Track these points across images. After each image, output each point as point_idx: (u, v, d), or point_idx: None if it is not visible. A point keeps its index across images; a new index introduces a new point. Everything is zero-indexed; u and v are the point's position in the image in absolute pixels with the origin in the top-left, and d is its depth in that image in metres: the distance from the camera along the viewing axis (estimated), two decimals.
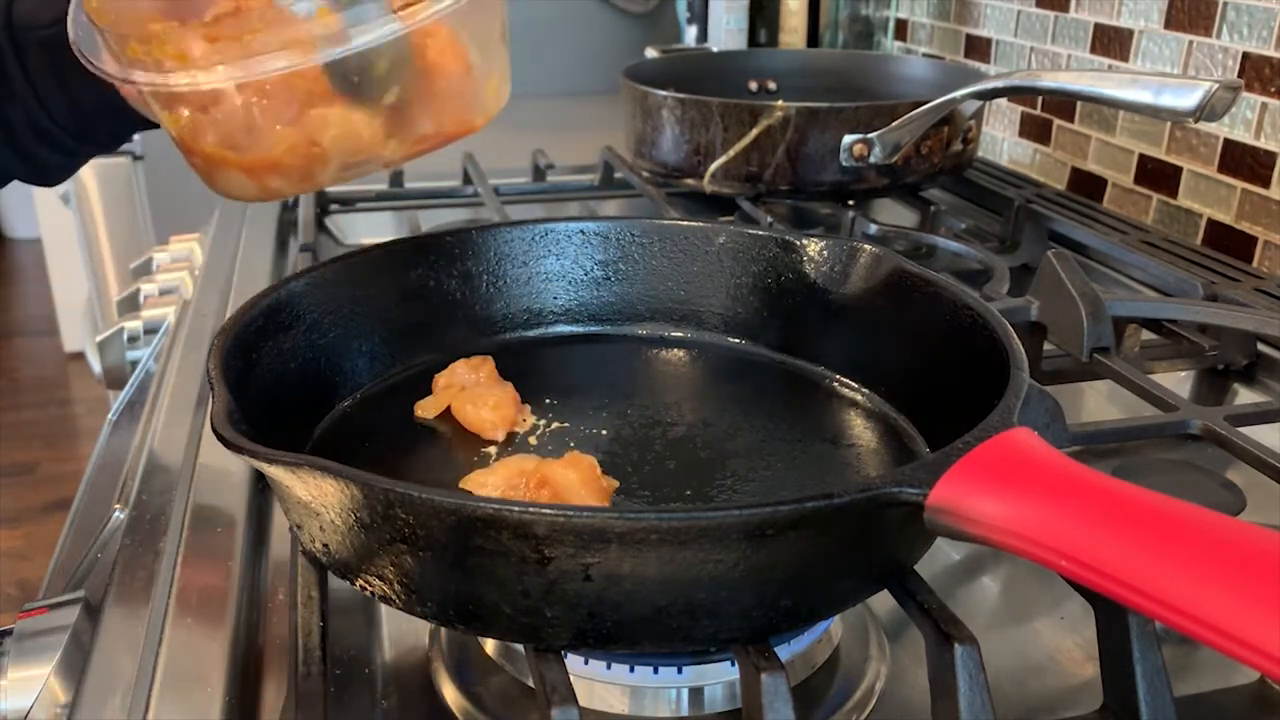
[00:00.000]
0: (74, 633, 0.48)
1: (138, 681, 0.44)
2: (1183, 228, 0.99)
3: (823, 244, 0.60)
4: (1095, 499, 0.32)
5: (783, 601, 0.38)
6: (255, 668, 0.47)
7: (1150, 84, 0.76)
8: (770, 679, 0.37)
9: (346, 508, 0.37)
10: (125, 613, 0.48)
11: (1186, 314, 0.77)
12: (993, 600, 0.53)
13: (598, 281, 0.64)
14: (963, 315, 0.51)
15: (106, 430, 0.83)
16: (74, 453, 2.47)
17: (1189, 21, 0.97)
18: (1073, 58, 1.12)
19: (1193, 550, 0.29)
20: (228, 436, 0.39)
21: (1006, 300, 0.74)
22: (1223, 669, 0.47)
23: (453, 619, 0.39)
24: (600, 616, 0.37)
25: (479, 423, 0.53)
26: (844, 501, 0.35)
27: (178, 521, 0.55)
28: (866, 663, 0.47)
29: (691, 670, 0.43)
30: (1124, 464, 0.62)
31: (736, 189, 0.98)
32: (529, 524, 0.34)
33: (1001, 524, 0.33)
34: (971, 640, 0.37)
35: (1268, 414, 0.64)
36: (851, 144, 0.94)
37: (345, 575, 0.41)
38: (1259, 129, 0.90)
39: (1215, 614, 0.28)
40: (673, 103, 0.99)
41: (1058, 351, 0.72)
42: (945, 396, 0.52)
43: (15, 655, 0.47)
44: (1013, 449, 0.36)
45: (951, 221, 1.02)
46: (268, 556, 0.54)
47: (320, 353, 0.54)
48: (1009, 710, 0.45)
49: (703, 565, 0.35)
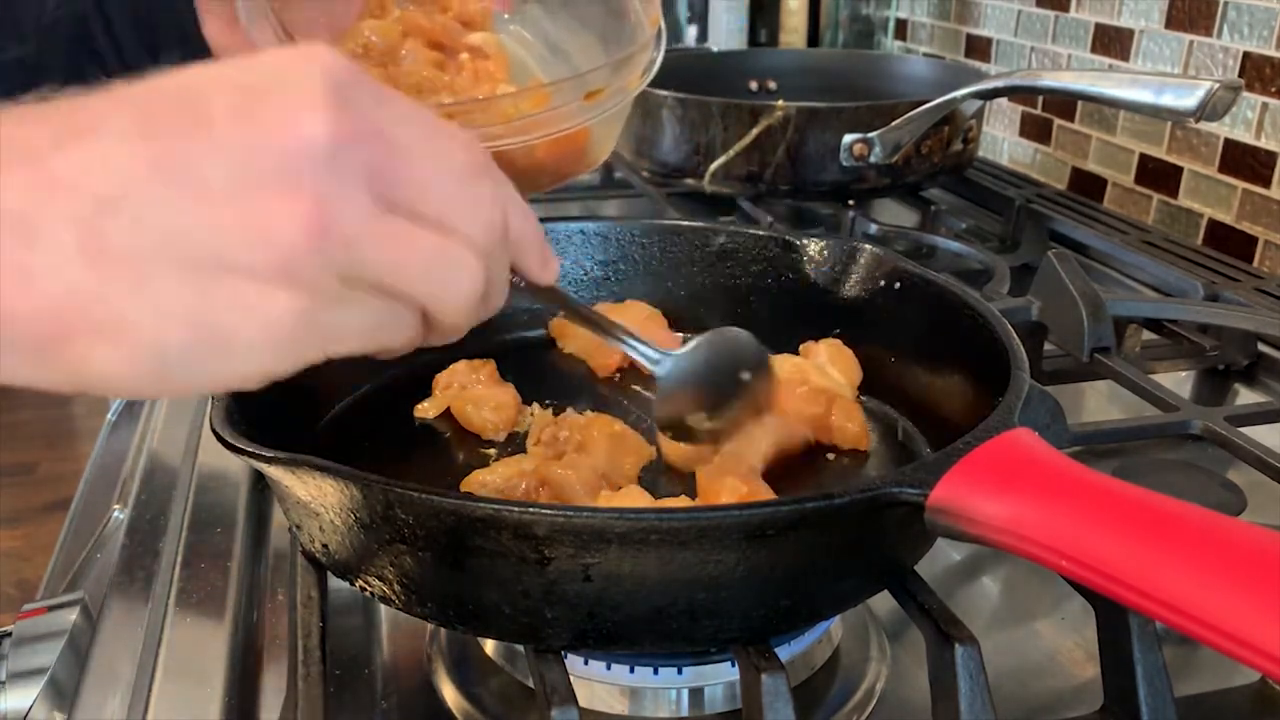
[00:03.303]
0: (73, 633, 0.48)
1: (137, 681, 0.44)
2: (1183, 228, 0.99)
3: (823, 244, 0.60)
4: (1095, 499, 0.32)
5: (783, 602, 0.38)
6: (255, 668, 0.47)
7: (1151, 84, 0.76)
8: (770, 679, 0.37)
9: (346, 508, 0.37)
10: (125, 613, 0.48)
11: (1187, 314, 0.77)
12: (993, 600, 0.53)
13: (598, 281, 0.64)
14: (963, 315, 0.51)
15: (106, 430, 0.83)
16: (74, 453, 2.47)
17: (1189, 21, 0.97)
18: (1073, 57, 1.12)
19: (1193, 550, 0.29)
20: (227, 437, 0.39)
21: (1007, 300, 0.74)
22: (1223, 669, 0.47)
23: (452, 619, 0.39)
24: (600, 617, 0.37)
25: (479, 423, 0.53)
26: (844, 502, 0.35)
27: (178, 521, 0.55)
28: (867, 663, 0.47)
29: (691, 671, 0.43)
30: (1124, 464, 0.62)
31: (736, 189, 0.98)
32: (529, 524, 0.34)
33: (1002, 524, 0.33)
34: (972, 640, 0.37)
35: (1268, 414, 0.64)
36: (852, 144, 0.94)
37: (345, 575, 0.41)
38: (1259, 129, 0.90)
39: (1215, 614, 0.28)
40: (673, 103, 0.99)
41: (1058, 351, 0.72)
42: (946, 397, 0.52)
43: (15, 656, 0.47)
44: (1013, 449, 0.36)
45: (952, 221, 1.02)
46: (267, 557, 0.54)
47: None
48: (1009, 710, 0.45)
49: (703, 566, 0.35)
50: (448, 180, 0.32)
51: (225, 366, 0.29)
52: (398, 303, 0.32)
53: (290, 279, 0.28)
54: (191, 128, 0.28)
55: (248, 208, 0.28)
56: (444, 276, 0.32)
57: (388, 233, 0.30)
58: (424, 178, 0.31)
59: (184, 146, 0.28)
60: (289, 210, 0.28)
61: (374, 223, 0.30)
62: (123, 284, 0.28)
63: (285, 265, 0.28)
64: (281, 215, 0.28)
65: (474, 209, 0.32)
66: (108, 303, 0.28)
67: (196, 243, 0.28)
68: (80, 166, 0.27)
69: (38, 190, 0.27)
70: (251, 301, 0.28)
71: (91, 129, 0.28)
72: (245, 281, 0.28)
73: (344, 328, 0.31)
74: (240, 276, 0.28)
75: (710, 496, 0.45)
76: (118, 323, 0.28)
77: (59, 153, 0.27)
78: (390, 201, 0.30)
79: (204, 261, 0.28)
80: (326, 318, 0.30)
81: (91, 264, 0.27)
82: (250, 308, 0.28)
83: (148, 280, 0.28)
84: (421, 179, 0.31)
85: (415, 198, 0.31)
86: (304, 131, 0.28)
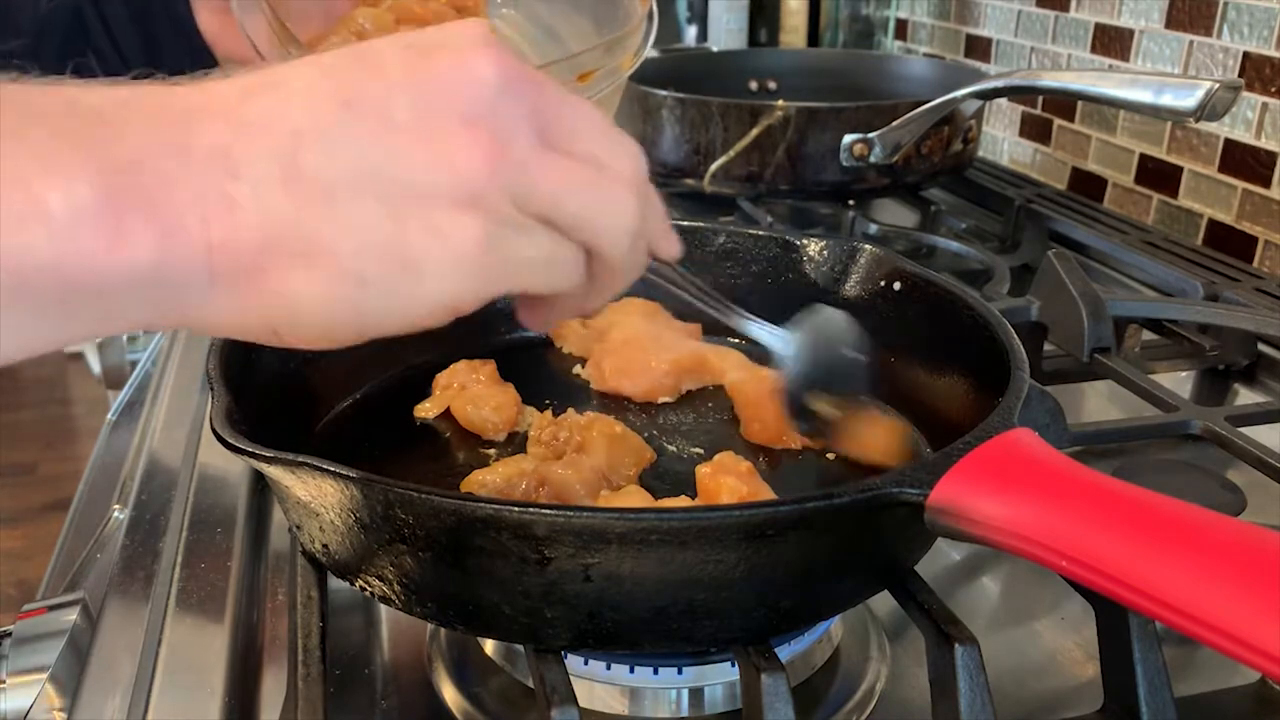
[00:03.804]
0: (73, 633, 0.48)
1: (137, 681, 0.44)
2: (1183, 228, 0.99)
3: (823, 244, 0.60)
4: (1095, 499, 0.32)
5: (783, 602, 0.38)
6: (255, 668, 0.47)
7: (1151, 84, 0.76)
8: (770, 679, 0.37)
9: (346, 508, 0.37)
10: (125, 613, 0.48)
11: (1187, 314, 0.77)
12: (993, 600, 0.53)
13: None
14: (963, 315, 0.51)
15: (106, 430, 0.83)
16: (74, 453, 2.47)
17: (1189, 21, 0.97)
18: (1073, 57, 1.12)
19: (1193, 550, 0.29)
20: (227, 437, 0.39)
21: (1007, 300, 0.74)
22: (1223, 669, 0.47)
23: (452, 619, 0.39)
24: (600, 617, 0.37)
25: (479, 423, 0.53)
26: (844, 502, 0.35)
27: (178, 521, 0.54)
28: (867, 663, 0.47)
29: (691, 671, 0.43)
30: (1124, 464, 0.62)
31: (736, 189, 0.98)
32: (529, 524, 0.34)
33: (1002, 524, 0.33)
34: (972, 641, 0.37)
35: (1268, 414, 0.64)
36: (852, 144, 0.94)
37: (345, 575, 0.41)
38: (1259, 129, 0.90)
39: (1215, 614, 0.28)
40: (673, 102, 0.99)
41: (1058, 351, 0.72)
42: (946, 397, 0.52)
43: (14, 656, 0.47)
44: (1013, 449, 0.36)
45: (952, 221, 1.02)
46: (267, 557, 0.54)
47: (320, 353, 0.54)
48: (1009, 711, 0.45)
49: (703, 566, 0.35)
50: (594, 125, 0.34)
51: (416, 294, 0.31)
52: (564, 238, 0.33)
53: (474, 203, 0.30)
54: (373, 75, 0.30)
55: (432, 139, 0.30)
56: (604, 208, 0.33)
57: (553, 163, 0.32)
58: (576, 119, 0.33)
59: (369, 88, 0.30)
60: (469, 139, 0.30)
61: (541, 153, 0.32)
62: (320, 212, 0.29)
63: (469, 189, 0.30)
64: (463, 144, 0.30)
65: (622, 151, 0.34)
66: (306, 230, 0.29)
67: (387, 171, 0.30)
68: (273, 110, 0.29)
69: (236, 131, 0.29)
70: (440, 225, 0.30)
71: (277, 82, 0.30)
72: (433, 207, 0.30)
73: (520, 259, 0.32)
74: (429, 202, 0.30)
75: (710, 496, 0.45)
76: (316, 249, 0.29)
77: (250, 101, 0.30)
78: (549, 138, 0.32)
79: (395, 189, 0.30)
80: (506, 245, 0.31)
81: (290, 194, 0.29)
82: (439, 231, 0.30)
83: (343, 208, 0.29)
84: (574, 119, 0.33)
85: (571, 136, 0.33)
86: (476, 72, 0.31)
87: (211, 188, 0.28)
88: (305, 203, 0.29)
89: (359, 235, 0.30)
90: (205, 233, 0.28)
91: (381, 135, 0.30)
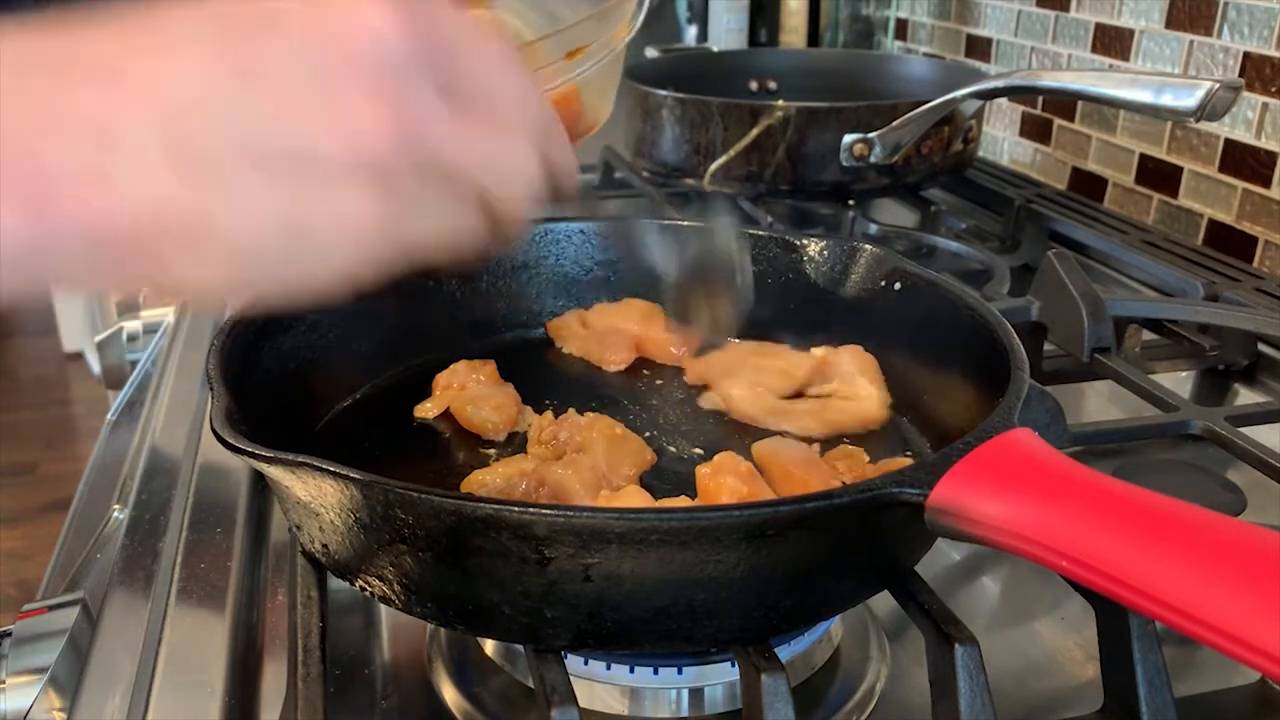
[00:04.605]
0: (73, 633, 0.48)
1: (137, 681, 0.44)
2: (1183, 228, 0.99)
3: (823, 244, 0.60)
4: (1095, 499, 0.32)
5: (783, 602, 0.38)
6: (255, 668, 0.47)
7: (1151, 84, 0.76)
8: (770, 679, 0.37)
9: (346, 508, 0.37)
10: (125, 612, 0.48)
11: (1187, 314, 0.77)
12: (993, 600, 0.53)
13: (598, 281, 0.64)
14: (963, 315, 0.51)
15: (106, 430, 0.83)
16: (73, 453, 2.47)
17: (1189, 21, 0.97)
18: (1073, 57, 1.12)
19: (1193, 550, 0.29)
20: (227, 437, 0.39)
21: (1007, 300, 0.74)
22: (1223, 669, 0.47)
23: (452, 620, 0.39)
24: (600, 617, 0.37)
25: (479, 423, 0.53)
26: (844, 501, 0.35)
27: (177, 521, 0.54)
28: (867, 663, 0.47)
29: (691, 671, 0.43)
30: (1124, 464, 0.62)
31: (736, 189, 0.98)
32: (529, 524, 0.34)
33: (1002, 524, 0.33)
34: (972, 641, 0.37)
35: (1268, 414, 0.64)
36: (852, 144, 0.94)
37: (345, 575, 0.41)
38: (1260, 129, 0.90)
39: (1215, 614, 0.28)
40: (673, 102, 0.99)
41: (1058, 351, 0.72)
42: (946, 397, 0.52)
43: (14, 656, 0.47)
44: (1013, 449, 0.36)
45: (952, 221, 1.02)
46: (267, 557, 0.54)
47: (320, 353, 0.54)
48: (1009, 711, 0.45)
49: (703, 566, 0.35)
50: (496, 73, 0.32)
51: (309, 267, 0.30)
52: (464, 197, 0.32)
53: (370, 172, 0.29)
54: (266, 35, 0.29)
55: (327, 106, 0.29)
56: (503, 163, 0.33)
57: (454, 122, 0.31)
58: (476, 71, 0.32)
59: (260, 51, 0.28)
60: (368, 108, 0.29)
61: (441, 113, 0.30)
62: (207, 186, 0.28)
63: (366, 158, 0.29)
64: (361, 111, 0.29)
65: (524, 101, 0.33)
66: (193, 205, 0.28)
67: (279, 142, 0.28)
68: (158, 74, 0.28)
69: (115, 98, 0.27)
70: (334, 196, 0.29)
71: (165, 39, 0.28)
72: (327, 178, 0.29)
73: (419, 223, 0.31)
74: (323, 173, 0.29)
75: (710, 496, 0.45)
76: (203, 225, 0.28)
77: (133, 62, 0.28)
78: (451, 93, 0.31)
79: (287, 160, 0.28)
80: (403, 212, 0.30)
81: (175, 167, 0.27)
82: (332, 203, 0.29)
83: (232, 182, 0.28)
84: (474, 72, 0.32)
85: (472, 89, 0.32)
86: (372, 29, 0.29)
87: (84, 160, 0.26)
88: (190, 177, 0.27)
89: (247, 210, 0.28)
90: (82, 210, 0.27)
91: (273, 103, 0.28)
